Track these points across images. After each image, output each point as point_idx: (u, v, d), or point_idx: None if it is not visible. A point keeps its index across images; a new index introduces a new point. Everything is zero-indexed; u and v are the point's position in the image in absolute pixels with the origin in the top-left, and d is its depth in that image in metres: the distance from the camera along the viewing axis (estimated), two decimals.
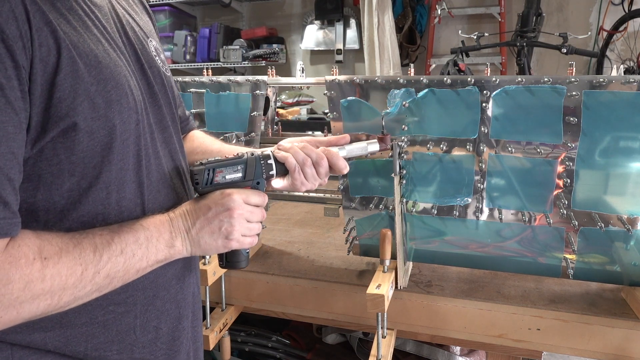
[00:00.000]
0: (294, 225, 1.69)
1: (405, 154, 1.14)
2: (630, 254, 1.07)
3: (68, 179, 0.63)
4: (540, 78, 1.03)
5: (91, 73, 0.62)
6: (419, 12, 3.64)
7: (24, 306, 0.57)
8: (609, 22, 3.27)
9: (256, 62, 3.89)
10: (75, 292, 0.62)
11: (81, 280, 0.61)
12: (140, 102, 0.72)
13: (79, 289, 0.62)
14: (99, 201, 0.67)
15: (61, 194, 0.63)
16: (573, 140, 1.04)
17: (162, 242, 0.70)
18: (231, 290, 1.34)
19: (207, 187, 0.78)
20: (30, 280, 0.57)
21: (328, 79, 1.18)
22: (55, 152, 0.61)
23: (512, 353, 1.21)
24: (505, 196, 1.12)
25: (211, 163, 0.78)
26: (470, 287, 1.20)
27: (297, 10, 4.06)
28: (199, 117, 1.34)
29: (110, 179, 0.67)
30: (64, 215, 0.65)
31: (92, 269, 0.62)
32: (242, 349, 1.80)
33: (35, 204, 0.63)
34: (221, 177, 0.78)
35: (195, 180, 0.77)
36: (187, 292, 0.86)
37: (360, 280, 1.25)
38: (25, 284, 0.57)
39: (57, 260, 0.59)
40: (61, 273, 0.60)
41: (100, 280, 0.64)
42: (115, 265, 0.65)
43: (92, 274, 0.62)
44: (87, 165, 0.64)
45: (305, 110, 3.79)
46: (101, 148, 0.64)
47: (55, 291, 0.59)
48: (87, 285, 0.62)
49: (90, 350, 0.71)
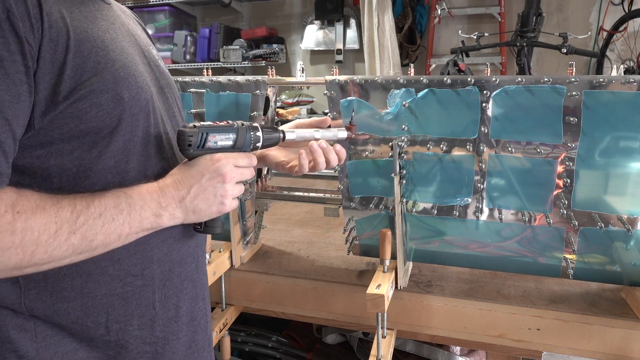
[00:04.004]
0: (294, 225, 1.69)
1: (405, 154, 1.14)
2: (630, 254, 1.07)
3: (78, 147, 0.67)
4: (540, 78, 1.03)
5: (99, 54, 0.67)
6: (419, 12, 3.64)
7: None
8: (609, 22, 3.27)
9: (256, 62, 3.88)
10: (49, 250, 0.62)
11: (55, 239, 0.62)
12: (149, 87, 0.75)
13: (53, 247, 0.62)
14: (108, 170, 0.70)
15: (72, 161, 0.67)
16: (573, 140, 1.04)
17: (147, 211, 0.71)
18: (231, 290, 1.34)
19: (198, 151, 0.77)
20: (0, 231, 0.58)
21: (328, 79, 1.18)
22: (65, 122, 0.65)
23: (512, 353, 1.21)
24: (505, 196, 1.12)
25: (204, 127, 0.77)
26: (470, 287, 1.20)
27: (297, 10, 4.05)
28: (199, 117, 1.34)
29: (118, 149, 0.70)
30: (76, 183, 0.68)
31: (67, 229, 0.63)
32: (242, 349, 1.81)
33: (49, 170, 0.66)
34: (213, 143, 0.78)
35: (188, 142, 0.76)
36: (201, 273, 0.89)
37: (360, 280, 1.25)
38: None
39: (29, 215, 0.60)
40: (33, 228, 0.60)
41: (77, 242, 0.64)
42: (92, 228, 0.65)
43: (67, 234, 0.63)
44: (97, 134, 0.68)
45: (305, 110, 3.79)
46: (110, 120, 0.68)
47: (26, 246, 0.60)
48: (63, 244, 0.63)
49: (111, 322, 0.73)
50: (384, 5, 3.36)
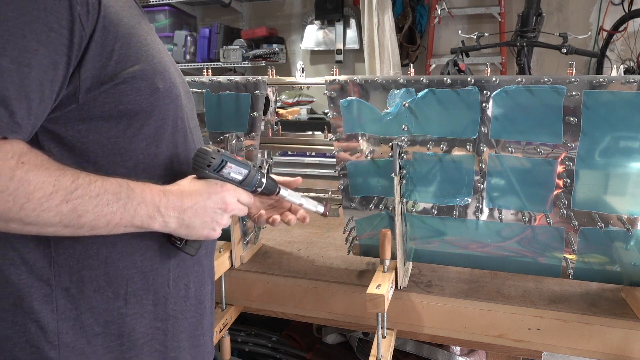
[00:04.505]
0: (294, 225, 1.69)
1: (405, 154, 1.14)
2: (630, 254, 1.07)
3: (115, 126, 0.73)
4: (540, 78, 1.03)
5: (142, 48, 0.74)
6: (419, 12, 3.64)
7: None
8: (609, 22, 3.27)
9: (256, 62, 3.88)
10: (38, 209, 0.63)
11: (47, 200, 0.64)
12: (178, 86, 0.82)
13: (42, 208, 0.63)
14: (140, 150, 0.76)
15: (108, 138, 0.73)
16: (573, 140, 1.04)
17: (143, 209, 0.72)
18: (231, 290, 1.34)
19: (211, 174, 0.80)
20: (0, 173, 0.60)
21: (328, 79, 1.18)
22: (106, 101, 0.70)
23: (512, 353, 1.21)
24: (505, 196, 1.12)
25: (226, 155, 0.82)
26: (470, 287, 1.20)
27: (297, 10, 4.05)
28: (199, 117, 1.34)
29: (150, 133, 0.77)
30: (110, 159, 0.73)
31: (62, 196, 0.65)
32: (242, 349, 1.81)
33: (87, 145, 0.71)
34: (227, 172, 0.82)
35: (207, 162, 0.79)
36: (209, 259, 0.94)
37: (360, 280, 1.25)
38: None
39: (32, 169, 0.62)
40: (30, 182, 0.62)
41: (66, 212, 0.65)
42: (85, 204, 0.67)
43: (59, 200, 0.64)
44: (133, 117, 0.74)
45: (305, 110, 3.79)
46: (146, 104, 0.75)
47: (18, 196, 0.62)
48: (52, 209, 0.64)
49: (130, 295, 0.77)
50: (384, 5, 3.36)
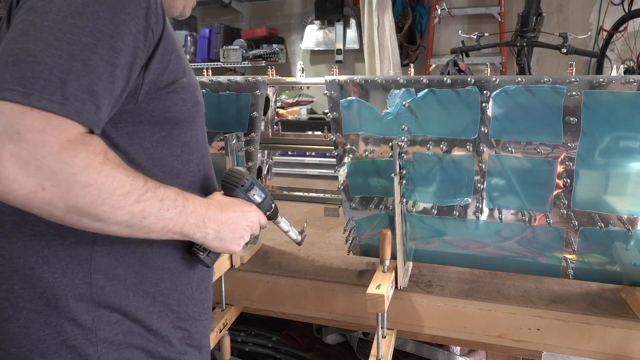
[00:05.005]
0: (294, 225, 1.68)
1: (405, 154, 1.14)
2: (630, 254, 1.07)
3: (159, 131, 0.77)
4: (540, 78, 1.03)
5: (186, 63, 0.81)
6: (419, 12, 3.64)
7: (74, 187, 0.60)
8: (609, 22, 3.27)
9: (256, 62, 3.89)
10: (115, 206, 0.65)
11: (124, 198, 0.65)
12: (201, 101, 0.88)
13: (118, 206, 0.65)
14: (175, 156, 0.81)
15: (151, 142, 0.77)
16: (573, 140, 1.04)
17: (192, 218, 0.76)
18: (231, 290, 1.34)
19: (242, 193, 0.88)
20: (90, 165, 0.61)
21: (328, 79, 1.18)
22: (158, 106, 0.75)
23: (512, 353, 1.21)
24: (505, 196, 1.12)
25: (254, 179, 0.90)
26: (470, 287, 1.20)
27: (297, 10, 4.06)
28: None
29: (185, 141, 0.82)
30: (150, 163, 0.77)
31: (136, 195, 0.67)
32: (242, 349, 1.81)
33: (133, 146, 0.75)
34: (252, 193, 0.89)
35: (242, 183, 0.87)
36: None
37: (360, 280, 1.25)
38: (85, 165, 0.61)
39: (115, 167, 0.65)
40: (115, 179, 0.64)
41: (136, 212, 0.67)
42: (152, 207, 0.69)
43: (133, 200, 0.66)
44: (175, 125, 0.79)
45: (305, 110, 3.79)
46: (188, 115, 0.80)
47: (103, 191, 0.63)
48: (125, 208, 0.66)
49: (158, 294, 0.80)
50: (384, 5, 3.36)
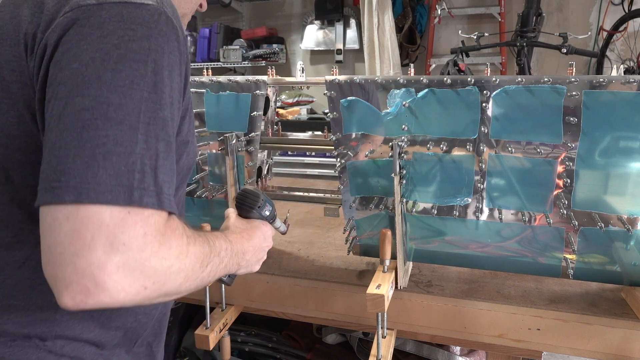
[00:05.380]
0: (294, 225, 1.69)
1: (405, 154, 1.14)
2: (630, 254, 1.07)
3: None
4: (540, 78, 1.03)
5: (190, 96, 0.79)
6: (419, 12, 3.64)
7: (170, 278, 0.58)
8: (609, 22, 3.27)
9: (256, 62, 3.89)
10: (194, 279, 0.63)
11: (200, 269, 0.64)
12: None
13: (196, 277, 0.64)
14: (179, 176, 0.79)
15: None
16: (573, 140, 1.03)
17: (234, 260, 0.78)
18: (231, 290, 1.34)
19: (256, 214, 0.91)
20: (181, 252, 0.60)
21: (328, 79, 1.18)
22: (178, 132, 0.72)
23: (512, 353, 1.21)
24: (505, 196, 1.12)
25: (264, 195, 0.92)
26: (470, 287, 1.20)
27: (297, 10, 4.06)
28: (199, 117, 1.34)
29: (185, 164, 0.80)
30: None
31: (206, 262, 0.66)
32: (242, 349, 1.80)
33: None
34: (264, 211, 0.92)
35: (258, 204, 0.89)
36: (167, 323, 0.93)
37: (360, 280, 1.25)
38: (178, 254, 0.59)
39: (194, 242, 0.63)
40: (196, 255, 0.63)
41: (205, 275, 0.66)
42: (214, 265, 0.69)
43: (205, 266, 0.66)
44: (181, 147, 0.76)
45: (305, 110, 3.79)
46: (187, 167, 0.81)
47: (189, 271, 0.61)
48: (199, 276, 0.65)
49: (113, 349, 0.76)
50: (384, 5, 3.36)
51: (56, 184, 0.53)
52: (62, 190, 0.53)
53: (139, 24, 0.60)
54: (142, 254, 0.55)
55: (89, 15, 0.60)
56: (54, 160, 0.54)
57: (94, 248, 0.52)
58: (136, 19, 0.60)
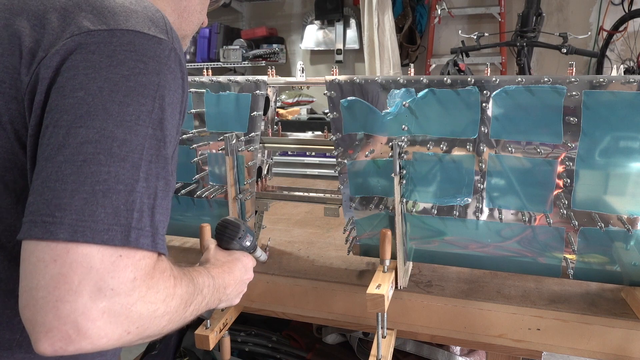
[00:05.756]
0: (294, 225, 1.69)
1: (405, 154, 1.14)
2: (630, 254, 1.07)
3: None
4: (540, 78, 1.03)
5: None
6: (419, 12, 3.64)
7: (154, 321, 0.56)
8: (609, 22, 3.27)
9: (256, 62, 3.89)
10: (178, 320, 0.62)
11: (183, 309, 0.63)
12: None
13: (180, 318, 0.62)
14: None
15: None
16: (573, 140, 1.04)
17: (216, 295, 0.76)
18: None
19: (237, 245, 0.89)
20: (168, 294, 0.58)
21: (328, 79, 1.18)
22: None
23: (512, 353, 1.21)
24: (505, 196, 1.12)
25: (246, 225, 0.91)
26: (470, 287, 1.20)
27: (297, 10, 4.06)
28: (199, 117, 1.34)
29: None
30: None
31: (190, 301, 0.64)
32: (242, 349, 1.80)
33: None
34: (245, 242, 0.91)
35: (239, 235, 0.88)
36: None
37: (360, 280, 1.25)
38: (164, 297, 0.57)
39: (180, 282, 0.61)
40: (182, 296, 0.61)
41: (188, 315, 0.65)
42: (197, 303, 0.67)
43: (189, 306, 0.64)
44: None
45: (305, 110, 3.79)
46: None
47: (172, 315, 0.59)
48: (182, 315, 0.63)
49: None
50: (384, 5, 3.36)
51: (48, 218, 0.50)
52: (55, 227, 0.50)
53: (150, 57, 0.58)
54: (129, 298, 0.52)
55: (98, 41, 0.57)
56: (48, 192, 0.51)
57: (80, 293, 0.49)
58: (148, 51, 0.58)
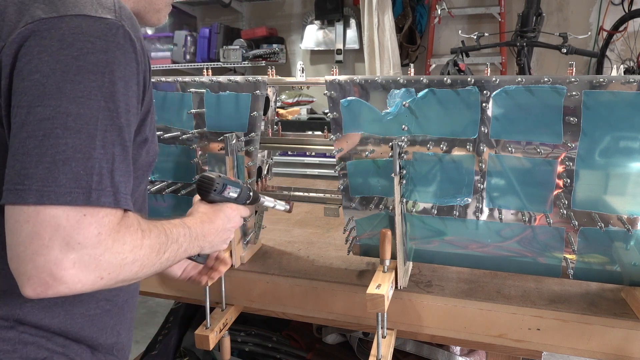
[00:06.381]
0: (294, 225, 1.69)
1: (405, 154, 1.14)
2: (630, 254, 1.07)
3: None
4: (540, 78, 1.03)
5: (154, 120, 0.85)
6: (419, 12, 3.64)
7: (125, 268, 0.65)
8: (609, 22, 3.27)
9: (256, 62, 3.89)
10: (151, 266, 0.70)
11: (157, 256, 0.71)
12: None
13: (153, 264, 0.71)
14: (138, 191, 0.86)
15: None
16: (573, 140, 1.04)
17: (195, 243, 0.83)
18: (231, 290, 1.34)
19: (216, 196, 0.92)
20: (135, 245, 0.66)
21: (328, 79, 1.18)
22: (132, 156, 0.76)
23: (512, 353, 1.21)
24: (505, 196, 1.12)
25: (223, 178, 0.93)
26: (470, 287, 1.20)
27: (297, 10, 4.06)
28: (199, 117, 1.34)
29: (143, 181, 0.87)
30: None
31: (163, 249, 0.73)
32: (242, 349, 1.80)
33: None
34: (227, 193, 0.94)
35: (214, 188, 0.91)
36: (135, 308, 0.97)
37: (360, 280, 1.25)
38: (132, 247, 0.66)
39: (149, 234, 0.70)
40: (151, 246, 0.70)
41: (163, 261, 0.73)
42: (173, 251, 0.75)
43: (162, 253, 0.73)
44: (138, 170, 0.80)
45: (305, 110, 3.79)
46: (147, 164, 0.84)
47: (144, 260, 0.68)
48: (157, 263, 0.71)
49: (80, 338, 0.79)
50: (384, 5, 3.36)
51: (19, 186, 0.59)
52: (25, 193, 0.59)
53: (97, 37, 0.64)
54: (96, 250, 0.61)
55: (49, 27, 0.63)
56: (17, 164, 0.60)
57: (51, 248, 0.59)
58: (95, 32, 0.64)
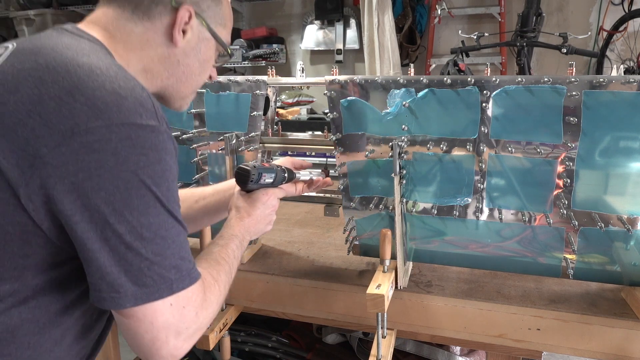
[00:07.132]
0: (294, 225, 1.69)
1: (405, 154, 1.14)
2: (630, 254, 1.07)
3: None
4: (540, 78, 1.03)
5: None
6: (419, 12, 3.64)
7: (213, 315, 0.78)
8: (609, 22, 3.27)
9: (256, 62, 3.89)
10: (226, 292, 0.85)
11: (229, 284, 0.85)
12: None
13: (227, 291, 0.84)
14: None
15: None
16: (573, 140, 1.04)
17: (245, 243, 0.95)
18: (231, 290, 1.33)
19: (254, 185, 0.99)
20: (218, 297, 0.79)
21: (328, 79, 1.18)
22: None
23: (512, 353, 1.21)
24: (505, 196, 1.12)
25: (258, 168, 0.98)
26: (470, 287, 1.20)
27: (297, 10, 4.05)
28: (199, 117, 1.34)
29: None
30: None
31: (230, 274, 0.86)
32: (242, 349, 1.81)
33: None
34: (263, 180, 0.99)
35: (250, 179, 0.96)
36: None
37: (360, 280, 1.25)
38: (217, 300, 0.79)
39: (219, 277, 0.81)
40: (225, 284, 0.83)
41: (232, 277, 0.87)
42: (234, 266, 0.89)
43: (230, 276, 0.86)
44: None
45: (305, 110, 3.79)
46: None
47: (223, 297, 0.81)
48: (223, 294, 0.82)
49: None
50: (384, 5, 3.36)
51: (116, 294, 0.66)
52: (122, 300, 0.66)
53: (149, 148, 0.66)
54: (198, 324, 0.73)
55: (99, 139, 0.63)
56: (108, 277, 0.66)
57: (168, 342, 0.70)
58: (145, 142, 0.66)
